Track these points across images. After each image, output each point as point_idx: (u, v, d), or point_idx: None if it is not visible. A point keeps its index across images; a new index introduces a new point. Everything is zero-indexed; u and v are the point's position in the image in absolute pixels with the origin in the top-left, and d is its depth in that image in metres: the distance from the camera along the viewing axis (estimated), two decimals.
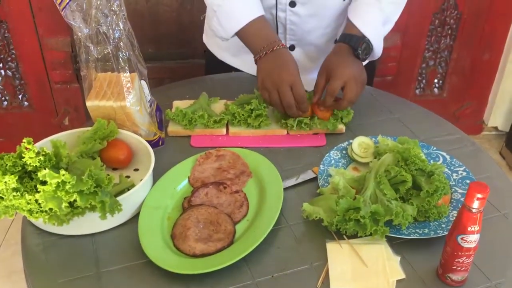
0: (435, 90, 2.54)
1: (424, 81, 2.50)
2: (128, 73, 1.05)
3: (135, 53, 1.10)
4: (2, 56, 2.18)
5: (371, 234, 0.89)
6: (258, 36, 1.20)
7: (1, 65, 2.20)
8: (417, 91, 2.52)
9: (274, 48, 1.17)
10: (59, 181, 0.83)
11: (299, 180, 1.07)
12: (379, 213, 0.89)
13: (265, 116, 1.20)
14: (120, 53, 1.02)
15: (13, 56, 2.19)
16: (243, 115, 1.20)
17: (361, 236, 0.90)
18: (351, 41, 1.20)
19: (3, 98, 2.30)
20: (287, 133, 1.22)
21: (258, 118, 1.19)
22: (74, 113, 2.36)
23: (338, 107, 1.19)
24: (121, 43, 1.02)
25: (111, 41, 1.00)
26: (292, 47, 1.39)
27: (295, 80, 1.14)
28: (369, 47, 1.21)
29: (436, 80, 2.51)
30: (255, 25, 1.20)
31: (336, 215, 0.91)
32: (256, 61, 1.20)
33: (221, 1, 1.20)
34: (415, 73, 2.46)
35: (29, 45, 2.16)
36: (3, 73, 2.23)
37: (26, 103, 2.33)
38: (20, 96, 2.31)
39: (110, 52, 1.00)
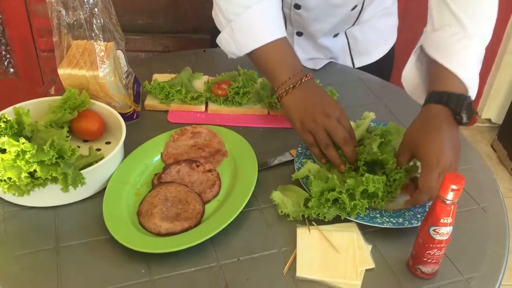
0: None
1: None
2: (103, 41, 1.01)
3: (112, 21, 1.05)
4: None
5: (349, 215, 0.87)
6: (281, 62, 0.99)
7: None
8: None
9: (303, 80, 0.97)
10: (19, 150, 0.79)
11: (276, 162, 1.04)
12: (353, 186, 0.87)
13: (252, 94, 1.16)
14: (94, 20, 0.98)
15: None
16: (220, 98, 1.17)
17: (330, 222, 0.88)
18: (449, 101, 0.88)
19: None
20: (268, 113, 1.18)
21: (246, 96, 1.16)
22: (60, 82, 2.31)
23: (415, 201, 0.88)
24: (96, 9, 0.97)
25: (85, 7, 0.95)
26: (299, 34, 1.32)
27: (342, 112, 0.96)
28: (472, 105, 0.89)
29: None
30: (277, 48, 0.99)
31: (305, 208, 0.89)
32: (280, 96, 0.98)
33: (241, 10, 0.98)
34: None
35: (16, 10, 2.10)
36: None
37: (11, 69, 2.28)
38: (5, 63, 2.26)
39: (83, 18, 0.95)
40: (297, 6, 1.21)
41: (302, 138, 0.97)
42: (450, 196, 0.73)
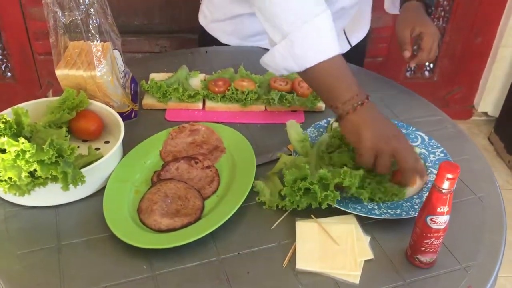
0: (426, 73, 2.50)
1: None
2: (99, 41, 1.01)
3: (108, 21, 1.06)
4: None
5: (320, 205, 0.88)
6: (344, 79, 0.93)
7: None
8: (407, 74, 2.49)
9: (368, 99, 0.93)
10: (19, 149, 0.80)
11: (274, 157, 1.04)
12: (326, 177, 0.88)
13: (254, 93, 1.17)
14: (90, 20, 0.98)
15: None
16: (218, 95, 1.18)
17: (326, 212, 0.89)
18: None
19: None
20: (265, 109, 1.19)
21: (250, 95, 1.17)
22: (58, 85, 2.30)
23: (422, 60, 1.22)
24: (92, 10, 0.98)
25: (81, 7, 0.96)
26: None
27: (409, 143, 0.96)
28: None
29: (427, 63, 2.47)
30: (337, 63, 0.93)
31: (280, 200, 0.91)
32: (346, 113, 0.92)
33: (301, 22, 0.90)
34: None
35: (12, 14, 2.11)
36: None
37: (9, 74, 2.28)
38: (3, 67, 2.26)
39: (79, 18, 0.96)
40: None
41: (364, 157, 0.90)
42: (446, 185, 0.74)
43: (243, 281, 0.81)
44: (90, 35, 1.00)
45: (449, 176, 0.73)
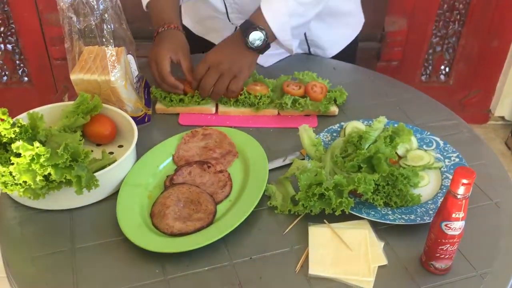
0: (442, 77, 2.48)
1: (430, 67, 2.45)
2: (113, 46, 1.02)
3: (123, 26, 1.07)
4: (2, 29, 2.16)
5: (334, 211, 0.88)
6: (158, 13, 1.23)
7: (1, 39, 2.19)
8: (422, 78, 2.47)
9: (165, 28, 1.18)
10: (33, 153, 0.81)
11: (287, 162, 1.04)
12: (342, 184, 0.87)
13: (267, 97, 1.17)
14: (104, 25, 0.99)
15: (13, 30, 2.17)
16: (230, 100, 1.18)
17: (335, 215, 0.88)
18: (244, 28, 1.12)
19: (3, 73, 2.29)
20: (278, 113, 1.19)
21: (262, 100, 1.17)
22: (73, 90, 2.33)
23: (201, 93, 1.16)
24: (106, 15, 0.99)
25: (95, 13, 0.97)
26: None
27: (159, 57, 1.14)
28: (264, 37, 1.11)
29: (442, 67, 2.45)
30: (158, 3, 1.23)
31: (292, 206, 0.91)
32: (154, 38, 1.20)
33: None
34: (421, 59, 2.40)
35: (28, 20, 2.14)
36: (3, 47, 2.21)
37: (25, 78, 2.32)
38: (20, 72, 2.30)
39: (94, 24, 0.97)
40: None
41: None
42: (461, 190, 0.73)
43: (256, 286, 0.81)
44: (104, 40, 1.00)
45: (464, 181, 0.72)
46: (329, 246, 0.86)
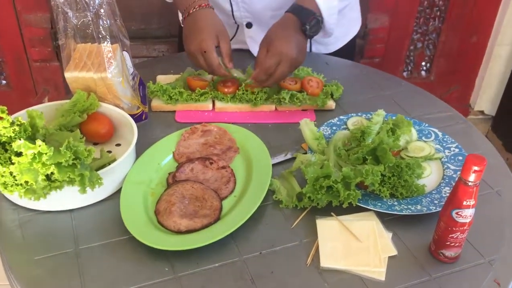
0: (423, 73, 2.51)
1: (411, 63, 2.48)
2: (109, 42, 1.00)
3: (117, 23, 1.04)
4: None
5: (341, 203, 0.87)
6: None
7: None
8: (404, 74, 2.50)
9: (197, 8, 1.14)
10: (35, 152, 0.78)
11: (288, 156, 1.04)
12: (349, 176, 0.87)
13: (264, 92, 1.16)
14: (100, 21, 0.97)
15: None
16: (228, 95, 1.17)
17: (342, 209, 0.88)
18: (300, 14, 1.10)
19: None
20: (275, 109, 1.18)
21: (260, 95, 1.16)
22: (54, 92, 2.28)
23: (261, 83, 1.12)
24: (102, 10, 0.96)
25: (91, 8, 0.94)
26: (249, 25, 1.33)
27: (207, 47, 1.11)
28: (319, 24, 1.12)
29: (423, 63, 2.48)
30: None
31: (297, 201, 0.91)
32: (182, 22, 1.17)
33: None
34: (403, 55, 2.43)
35: (6, 21, 2.08)
36: None
37: (3, 81, 2.25)
38: None
39: (90, 19, 0.94)
40: None
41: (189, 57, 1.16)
42: (472, 177, 0.74)
43: (268, 280, 0.80)
44: (100, 36, 0.98)
45: (476, 168, 0.73)
46: (338, 238, 0.86)
